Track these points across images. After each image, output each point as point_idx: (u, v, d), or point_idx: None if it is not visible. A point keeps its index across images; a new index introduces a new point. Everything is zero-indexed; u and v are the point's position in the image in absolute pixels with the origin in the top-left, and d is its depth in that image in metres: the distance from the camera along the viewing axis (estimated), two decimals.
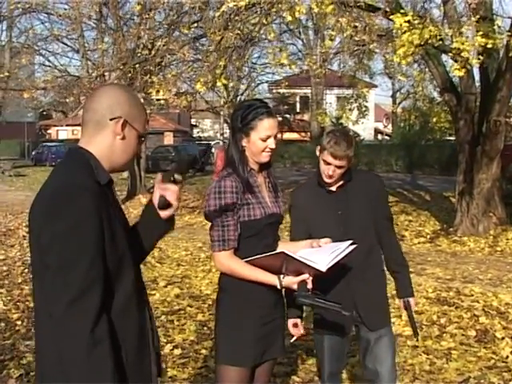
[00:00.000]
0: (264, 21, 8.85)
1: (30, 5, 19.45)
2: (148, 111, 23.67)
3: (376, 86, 51.14)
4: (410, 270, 9.62)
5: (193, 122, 72.09)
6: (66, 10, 17.91)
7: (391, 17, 7.86)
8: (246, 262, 3.18)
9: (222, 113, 44.02)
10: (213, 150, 38.33)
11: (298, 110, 53.55)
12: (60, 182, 2.24)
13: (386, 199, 4.21)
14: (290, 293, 3.24)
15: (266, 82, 46.95)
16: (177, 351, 6.29)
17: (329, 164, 3.70)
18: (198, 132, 73.51)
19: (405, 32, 7.49)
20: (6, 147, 51.25)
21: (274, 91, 51.33)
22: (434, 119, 25.27)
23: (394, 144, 36.33)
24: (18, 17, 30.37)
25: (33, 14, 25.60)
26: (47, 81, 16.66)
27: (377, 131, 57.18)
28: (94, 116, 2.39)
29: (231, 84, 10.16)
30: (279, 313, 3.41)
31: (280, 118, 51.62)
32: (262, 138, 3.25)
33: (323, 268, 3.08)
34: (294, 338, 3.86)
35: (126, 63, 12.11)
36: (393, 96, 50.07)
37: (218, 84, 9.72)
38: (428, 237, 13.51)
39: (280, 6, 8.05)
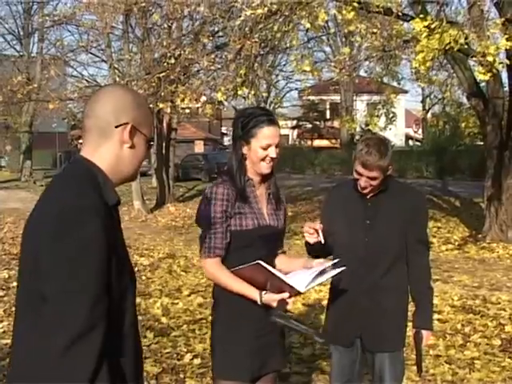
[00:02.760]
0: (285, 28, 8.83)
1: (59, 17, 19.66)
2: (175, 120, 23.99)
3: (406, 92, 50.72)
4: (437, 277, 9.74)
5: (223, 130, 72.26)
6: (92, 20, 18.09)
7: (411, 22, 7.77)
8: (232, 272, 3.10)
9: None
10: None
11: (328, 117, 53.33)
12: (67, 201, 1.95)
13: (424, 221, 3.81)
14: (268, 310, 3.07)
15: (296, 89, 47.02)
16: (196, 361, 6.25)
17: (360, 175, 3.53)
18: (228, 140, 73.61)
19: (425, 37, 7.41)
20: (39, 157, 51.84)
21: (304, 98, 51.32)
22: (463, 124, 24.94)
23: (425, 150, 36.02)
24: (49, 29, 30.90)
25: (62, 26, 25.93)
26: (75, 91, 16.82)
27: (407, 137, 56.71)
28: (97, 123, 2.14)
29: (252, 92, 10.09)
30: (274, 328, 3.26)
31: (309, 125, 51.58)
32: (262, 146, 3.16)
33: (302, 289, 2.95)
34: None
35: (149, 73, 12.18)
36: (423, 101, 49.64)
37: (239, 92, 9.73)
38: (456, 243, 13.35)
39: (300, 13, 8.02)
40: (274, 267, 3.12)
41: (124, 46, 21.14)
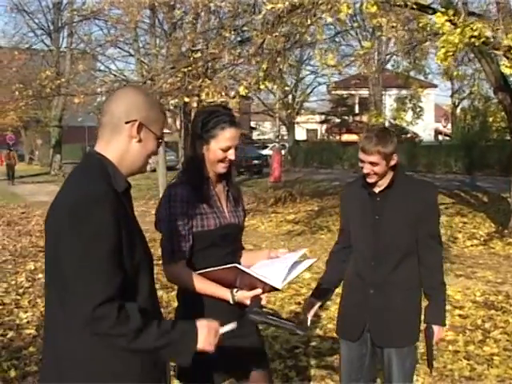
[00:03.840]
0: (307, 22, 8.78)
1: (87, 12, 19.83)
2: None
3: (436, 86, 50.31)
4: (460, 272, 9.68)
5: (252, 124, 72.27)
6: (118, 15, 18.17)
7: (433, 16, 7.70)
8: (199, 274, 3.01)
9: (277, 115, 44.07)
10: (270, 152, 38.33)
11: (356, 112, 53.05)
12: (79, 193, 2.22)
13: (434, 215, 3.74)
14: (241, 308, 3.00)
15: (324, 83, 46.85)
16: None
17: (362, 162, 3.55)
18: (257, 134, 73.65)
19: (446, 31, 7.34)
20: (68, 151, 52.24)
21: (333, 93, 51.11)
22: (491, 119, 24.64)
23: (454, 145, 35.65)
24: (78, 23, 31.15)
25: (90, 21, 26.14)
26: (102, 85, 16.96)
27: (437, 132, 56.27)
28: (111, 119, 2.38)
29: (275, 86, 10.10)
30: (248, 328, 3.19)
31: (338, 120, 51.38)
32: (222, 147, 3.09)
33: (279, 285, 2.89)
34: (309, 322, 3.80)
35: (173, 67, 12.23)
36: (452, 96, 49.16)
37: (261, 87, 9.72)
38: (482, 239, 13.20)
39: (322, 7, 7.98)
40: (239, 264, 3.05)
41: (151, 40, 21.24)
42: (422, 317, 3.75)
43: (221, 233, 3.12)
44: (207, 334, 2.38)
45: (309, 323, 3.97)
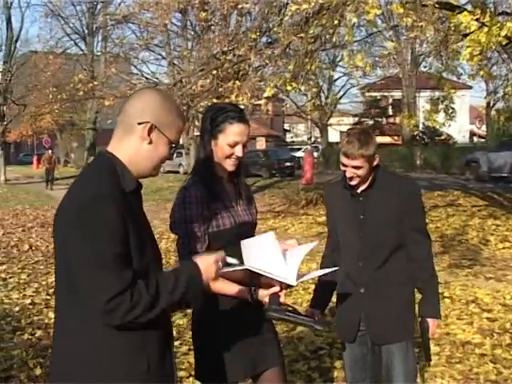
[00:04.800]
0: (334, 23, 8.75)
1: (119, 16, 20.03)
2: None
3: (471, 88, 49.82)
4: (490, 275, 9.56)
5: (286, 126, 72.28)
6: (148, 18, 18.35)
7: (458, 15, 7.62)
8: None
9: (309, 117, 43.98)
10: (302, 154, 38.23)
11: (390, 114, 52.76)
12: (88, 192, 2.23)
13: (418, 208, 3.74)
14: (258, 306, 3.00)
15: (357, 85, 46.58)
16: None
17: (345, 166, 3.53)
18: (291, 137, 73.66)
19: (473, 31, 7.25)
20: None
21: (367, 95, 50.92)
22: None
23: (488, 146, 35.18)
24: (112, 27, 31.47)
25: (123, 25, 26.39)
26: (132, 88, 17.12)
27: (471, 133, 55.69)
28: (125, 119, 2.39)
29: (303, 88, 10.09)
30: (263, 326, 3.21)
31: (371, 122, 51.14)
32: (229, 143, 3.09)
33: (293, 282, 2.85)
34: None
35: (203, 69, 12.29)
36: (486, 97, 48.61)
37: (288, 88, 9.70)
38: None
39: (347, 7, 7.94)
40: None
41: (182, 42, 21.38)
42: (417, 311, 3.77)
43: (236, 232, 3.09)
44: (205, 269, 2.38)
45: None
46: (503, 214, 15.86)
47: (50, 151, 37.62)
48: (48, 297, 8.64)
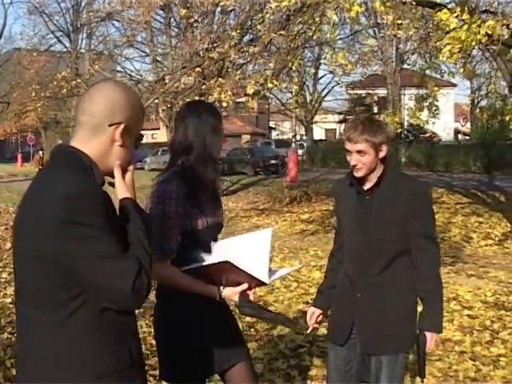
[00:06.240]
0: (314, 21, 8.72)
1: (103, 13, 19.95)
2: (224, 114, 24.10)
3: (455, 86, 50.03)
4: (472, 272, 9.60)
5: (271, 124, 72.25)
6: (130, 15, 18.25)
7: (438, 13, 7.61)
8: (185, 270, 2.95)
9: (293, 114, 44.04)
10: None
11: (375, 111, 52.86)
12: (70, 188, 2.08)
13: (426, 213, 3.47)
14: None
15: (341, 82, 46.57)
16: None
17: (349, 152, 3.39)
18: (276, 134, 73.61)
19: (453, 28, 7.25)
20: None
21: (351, 92, 50.98)
22: (507, 117, 24.37)
23: (472, 144, 35.36)
24: (96, 24, 31.35)
25: (107, 22, 26.32)
26: None
27: (456, 131, 55.92)
28: (91, 120, 2.24)
29: (284, 85, 10.07)
30: (228, 323, 3.24)
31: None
32: None
33: (266, 280, 2.84)
34: (310, 329, 3.78)
35: (185, 67, 12.23)
36: (471, 95, 48.90)
37: (269, 85, 9.65)
38: (497, 239, 13.08)
39: (329, 5, 7.90)
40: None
41: (166, 39, 21.32)
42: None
43: (206, 232, 3.08)
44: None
45: (309, 331, 3.96)
46: (486, 211, 15.95)
47: (41, 152, 37.39)
48: None
